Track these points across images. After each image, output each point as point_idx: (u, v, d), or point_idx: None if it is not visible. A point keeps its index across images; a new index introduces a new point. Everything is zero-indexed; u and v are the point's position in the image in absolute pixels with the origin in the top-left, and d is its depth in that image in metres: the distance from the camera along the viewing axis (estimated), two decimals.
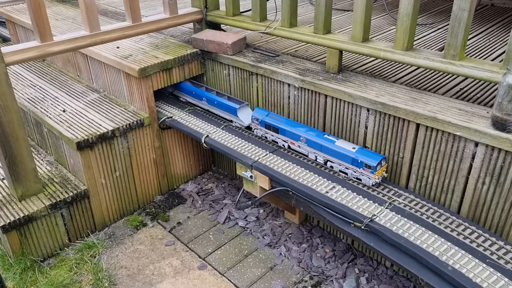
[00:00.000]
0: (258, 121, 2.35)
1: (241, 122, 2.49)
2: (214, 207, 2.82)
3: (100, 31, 2.42)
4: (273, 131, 2.30)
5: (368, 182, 1.97)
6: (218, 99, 2.60)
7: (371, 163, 1.92)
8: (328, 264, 2.35)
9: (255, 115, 2.37)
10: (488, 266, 1.53)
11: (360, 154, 1.97)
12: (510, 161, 1.67)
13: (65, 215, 2.43)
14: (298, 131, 2.20)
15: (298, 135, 2.19)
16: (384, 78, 2.27)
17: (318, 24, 2.28)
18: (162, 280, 2.29)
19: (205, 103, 2.68)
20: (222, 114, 2.61)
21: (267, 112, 2.36)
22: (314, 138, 2.13)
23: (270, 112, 2.37)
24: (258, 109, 2.40)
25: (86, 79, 3.14)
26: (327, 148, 2.08)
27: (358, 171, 1.98)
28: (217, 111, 2.64)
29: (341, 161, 2.04)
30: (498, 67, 1.75)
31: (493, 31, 3.03)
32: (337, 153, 2.05)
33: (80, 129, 2.47)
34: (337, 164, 2.06)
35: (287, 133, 2.24)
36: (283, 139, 2.26)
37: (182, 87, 2.82)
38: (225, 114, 2.59)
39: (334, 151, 2.06)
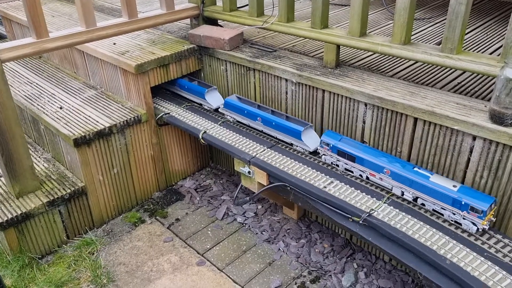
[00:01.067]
0: (329, 146, 2.03)
1: (306, 147, 2.17)
2: (212, 203, 2.82)
3: (96, 27, 2.41)
4: (348, 159, 1.98)
5: (471, 228, 1.65)
6: (277, 120, 2.28)
7: (480, 207, 1.60)
8: (327, 259, 2.36)
9: (326, 139, 2.05)
10: (486, 260, 1.53)
11: (464, 195, 1.66)
12: (508, 154, 1.67)
13: (63, 212, 2.42)
14: (381, 161, 1.88)
15: (381, 167, 1.87)
16: (381, 73, 2.26)
17: (315, 19, 2.27)
18: (160, 277, 2.29)
19: (260, 123, 2.37)
20: (281, 136, 2.29)
21: (339, 136, 2.04)
22: (402, 171, 1.81)
23: (343, 136, 2.06)
24: (330, 133, 2.08)
25: (83, 75, 3.13)
26: (419, 184, 1.75)
27: (459, 214, 1.66)
28: (274, 133, 2.32)
29: (437, 200, 1.72)
30: (495, 60, 1.75)
31: (490, 25, 3.03)
32: (433, 191, 1.72)
33: (77, 126, 2.46)
34: (430, 203, 1.75)
35: (367, 163, 1.92)
36: (361, 169, 1.95)
37: (229, 103, 2.52)
38: (284, 137, 2.28)
39: (428, 188, 1.73)
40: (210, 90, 2.67)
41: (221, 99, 2.70)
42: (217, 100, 2.68)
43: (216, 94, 2.70)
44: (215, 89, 2.70)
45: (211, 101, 2.65)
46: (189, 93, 2.78)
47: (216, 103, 2.63)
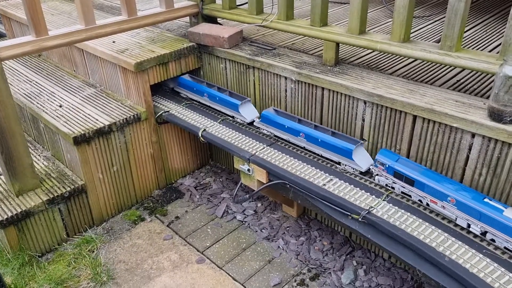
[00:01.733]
0: (385, 167, 1.85)
1: (357, 167, 1.97)
2: (212, 201, 2.82)
3: (95, 25, 2.41)
4: (406, 183, 1.80)
5: None
6: (323, 136, 2.06)
7: None
8: (326, 257, 2.36)
9: (381, 159, 1.86)
10: (485, 257, 1.53)
11: None
12: (507, 152, 1.67)
13: (63, 210, 2.43)
14: (445, 188, 1.68)
15: (445, 194, 1.68)
16: (381, 71, 2.27)
17: (314, 17, 2.27)
18: (160, 274, 2.29)
19: (303, 140, 2.16)
20: (327, 154, 2.08)
21: (396, 156, 1.86)
22: (471, 201, 1.61)
23: (400, 156, 1.88)
24: (385, 152, 1.91)
25: (83, 74, 3.13)
26: (490, 218, 1.57)
27: None
28: (319, 151, 2.11)
29: None
30: (494, 58, 1.75)
31: (490, 23, 3.03)
32: (508, 228, 1.53)
33: (77, 124, 2.47)
34: (502, 240, 1.56)
35: (428, 188, 1.73)
36: (420, 194, 1.77)
37: (265, 117, 2.28)
38: (330, 155, 2.06)
39: (502, 224, 1.54)
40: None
41: (255, 111, 2.47)
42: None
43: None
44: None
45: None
46: (220, 104, 2.55)
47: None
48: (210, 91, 2.59)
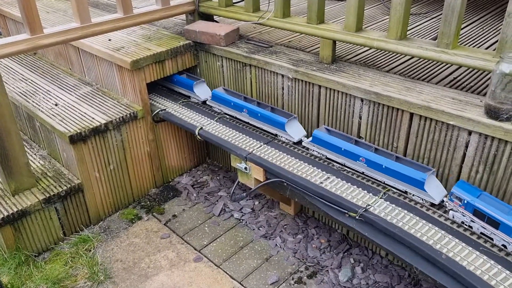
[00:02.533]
0: (462, 202, 1.64)
1: (430, 199, 1.77)
2: (209, 200, 2.82)
3: (91, 23, 2.39)
4: (489, 223, 1.57)
5: None
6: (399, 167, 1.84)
7: None
8: (324, 255, 2.36)
9: (458, 192, 1.65)
10: (481, 254, 1.54)
11: None
12: (503, 149, 1.67)
13: (59, 209, 2.42)
14: None
15: None
16: (377, 68, 2.26)
17: (311, 14, 2.26)
18: (158, 273, 2.29)
19: (363, 164, 1.95)
20: (401, 186, 1.85)
21: (477, 192, 1.65)
22: None
23: (483, 191, 1.66)
24: (464, 185, 1.70)
25: (78, 72, 3.11)
26: None
27: None
28: (394, 183, 1.88)
29: None
30: (491, 55, 1.75)
31: (486, 20, 3.03)
32: None
33: (73, 122, 2.45)
34: None
35: None
36: (506, 239, 1.54)
37: (319, 140, 2.08)
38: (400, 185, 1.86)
39: None
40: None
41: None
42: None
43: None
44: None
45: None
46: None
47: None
48: (250, 106, 2.37)
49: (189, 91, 2.73)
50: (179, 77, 2.77)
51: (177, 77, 2.77)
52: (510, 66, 1.58)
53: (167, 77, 2.78)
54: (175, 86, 2.83)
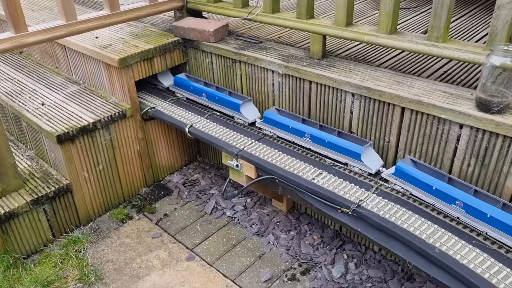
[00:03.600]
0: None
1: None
2: (201, 198, 2.79)
3: (77, 21, 2.35)
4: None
5: None
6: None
7: None
8: (317, 251, 2.35)
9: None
10: (474, 248, 1.53)
11: None
12: (495, 142, 1.67)
13: (48, 210, 2.37)
14: None
15: None
16: (368, 63, 2.25)
17: (301, 9, 2.24)
18: (149, 273, 2.26)
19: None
20: None
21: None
22: None
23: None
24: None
25: (65, 71, 3.06)
26: None
27: None
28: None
29: None
30: (481, 48, 1.74)
31: (475, 13, 3.03)
32: None
33: (60, 122, 2.41)
34: None
35: None
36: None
37: None
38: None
39: None
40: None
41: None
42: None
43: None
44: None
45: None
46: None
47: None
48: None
49: None
50: None
51: None
52: (501, 59, 1.58)
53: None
54: None
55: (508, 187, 1.71)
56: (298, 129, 2.12)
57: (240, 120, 2.39)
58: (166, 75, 2.81)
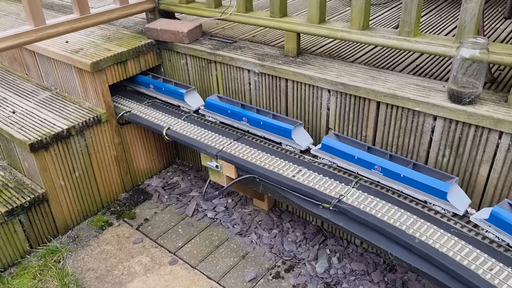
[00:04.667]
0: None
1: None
2: (181, 201, 2.77)
3: (46, 25, 2.29)
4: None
5: None
6: None
7: None
8: (300, 248, 2.37)
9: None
10: (453, 236, 1.57)
11: None
12: (467, 132, 1.71)
13: (24, 221, 2.31)
14: None
15: None
16: (343, 59, 2.28)
17: (274, 8, 2.25)
18: (132, 279, 2.23)
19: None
20: None
21: None
22: None
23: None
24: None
25: (36, 77, 2.98)
26: None
27: None
28: None
29: None
30: (451, 41, 1.79)
31: (443, 8, 3.11)
32: None
33: (33, 130, 2.35)
34: None
35: None
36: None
37: None
38: None
39: None
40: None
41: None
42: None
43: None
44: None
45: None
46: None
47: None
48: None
49: None
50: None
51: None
52: (470, 51, 1.62)
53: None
54: None
55: (482, 175, 1.76)
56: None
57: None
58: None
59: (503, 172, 1.69)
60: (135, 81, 2.74)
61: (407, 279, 2.15)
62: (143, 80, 2.69)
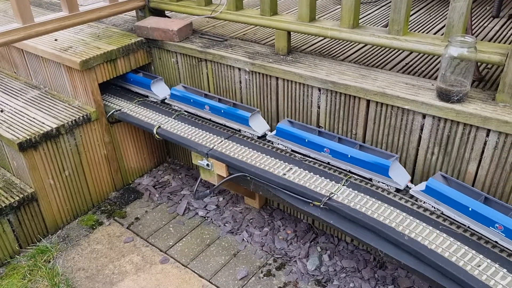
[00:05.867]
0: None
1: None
2: (172, 199, 2.76)
3: (34, 23, 2.27)
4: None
5: None
6: None
7: None
8: (291, 245, 2.38)
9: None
10: (441, 233, 1.59)
11: None
12: (456, 130, 1.73)
13: (13, 221, 2.29)
14: None
15: None
16: (333, 57, 2.28)
17: (264, 6, 2.25)
18: (123, 279, 2.22)
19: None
20: None
21: None
22: None
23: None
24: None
25: (24, 75, 2.95)
26: None
27: None
28: None
29: None
30: (440, 40, 1.80)
31: (432, 6, 3.13)
32: None
33: (22, 129, 2.32)
34: None
35: None
36: None
37: None
38: None
39: None
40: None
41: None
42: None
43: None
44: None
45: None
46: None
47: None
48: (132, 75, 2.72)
49: None
50: None
51: None
52: (458, 50, 1.64)
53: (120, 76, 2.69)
54: None
55: (470, 173, 1.78)
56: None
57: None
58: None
59: (491, 169, 1.72)
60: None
61: (397, 276, 2.17)
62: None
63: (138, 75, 2.70)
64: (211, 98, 2.39)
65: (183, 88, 2.52)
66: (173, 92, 2.50)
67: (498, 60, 1.66)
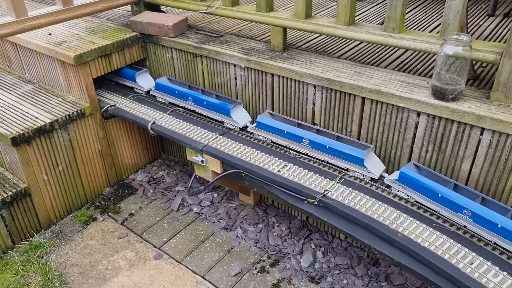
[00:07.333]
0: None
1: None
2: (167, 195, 2.76)
3: (28, 17, 2.24)
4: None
5: None
6: None
7: None
8: (285, 242, 2.38)
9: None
10: (434, 230, 1.60)
11: None
12: (450, 128, 1.74)
13: (6, 216, 2.27)
14: None
15: None
16: (328, 54, 2.28)
17: (260, 2, 2.24)
18: (117, 274, 2.22)
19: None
20: None
21: None
22: None
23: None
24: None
25: (18, 69, 2.92)
26: None
27: None
28: None
29: None
30: (435, 38, 1.80)
31: (428, 4, 3.13)
32: None
33: (15, 123, 2.30)
34: None
35: None
36: None
37: None
38: None
39: None
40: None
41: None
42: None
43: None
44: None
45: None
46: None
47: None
48: None
49: None
50: None
51: None
52: (453, 48, 1.64)
53: None
54: None
55: (464, 171, 1.79)
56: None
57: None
58: None
59: (484, 167, 1.72)
60: None
61: (390, 273, 2.18)
62: None
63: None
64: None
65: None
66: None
67: (493, 58, 1.66)
